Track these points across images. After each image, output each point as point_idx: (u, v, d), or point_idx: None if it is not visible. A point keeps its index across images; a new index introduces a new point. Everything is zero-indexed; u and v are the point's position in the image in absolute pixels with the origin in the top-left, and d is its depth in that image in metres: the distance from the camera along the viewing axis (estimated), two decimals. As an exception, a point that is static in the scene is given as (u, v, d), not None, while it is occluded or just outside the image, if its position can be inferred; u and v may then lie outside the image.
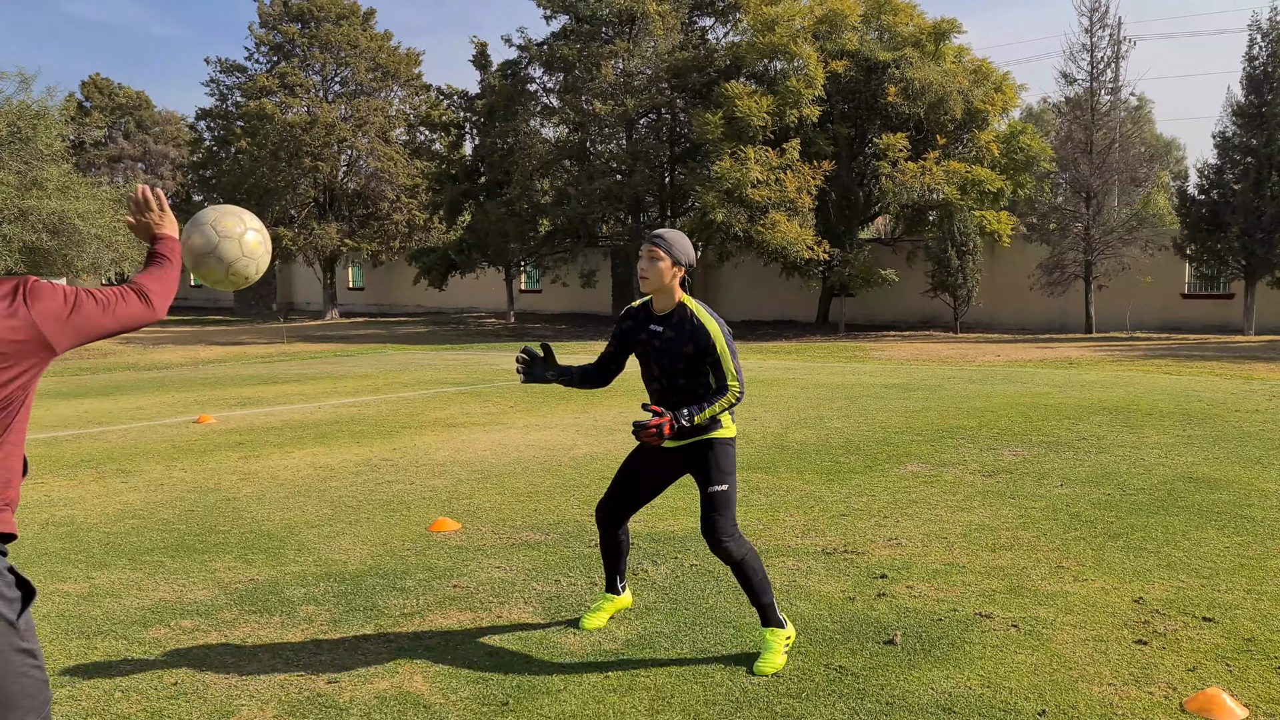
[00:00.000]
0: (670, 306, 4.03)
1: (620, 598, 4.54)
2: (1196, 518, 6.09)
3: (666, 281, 3.96)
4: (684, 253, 3.98)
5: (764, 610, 4.04)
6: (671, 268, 3.95)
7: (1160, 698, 3.63)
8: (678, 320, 3.99)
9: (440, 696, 3.75)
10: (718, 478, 3.98)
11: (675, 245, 3.96)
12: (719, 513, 3.96)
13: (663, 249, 3.94)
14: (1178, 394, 11.88)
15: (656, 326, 4.04)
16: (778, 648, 4.01)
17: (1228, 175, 23.09)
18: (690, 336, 3.95)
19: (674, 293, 4.01)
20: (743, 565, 3.98)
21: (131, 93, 42.55)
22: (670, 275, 3.96)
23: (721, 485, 3.97)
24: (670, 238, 3.98)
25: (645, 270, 3.96)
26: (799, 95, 24.06)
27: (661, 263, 3.94)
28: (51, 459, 8.74)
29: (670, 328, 4.00)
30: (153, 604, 4.83)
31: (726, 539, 3.94)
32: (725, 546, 3.94)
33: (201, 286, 47.92)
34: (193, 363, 19.66)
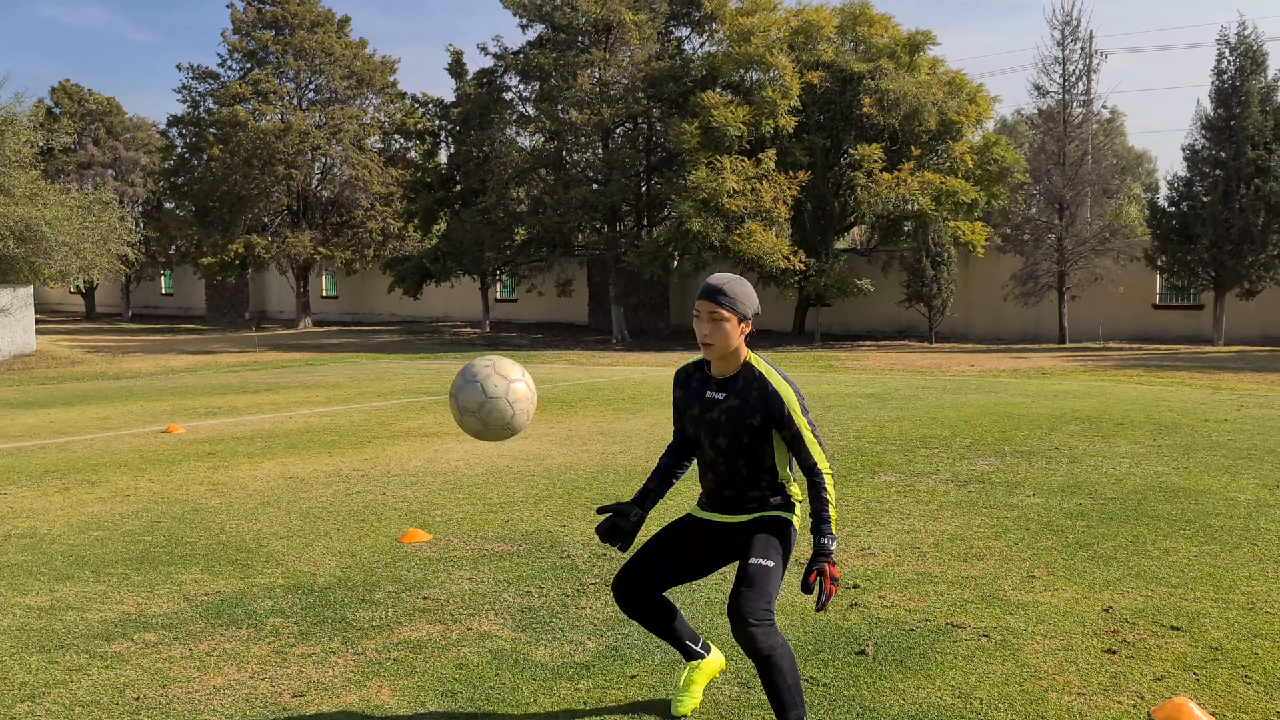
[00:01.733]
0: (733, 369, 3.33)
1: (708, 661, 3.74)
2: (1166, 527, 6.13)
3: (734, 344, 3.26)
4: (750, 304, 3.28)
5: (783, 707, 3.21)
6: (738, 325, 3.25)
7: (1129, 707, 3.64)
8: (743, 386, 3.31)
9: (408, 710, 3.70)
10: (766, 552, 3.27)
11: (740, 299, 3.25)
12: (755, 590, 3.16)
13: (727, 307, 3.22)
14: (1149, 404, 11.98)
15: (716, 393, 3.35)
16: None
17: (1197, 187, 23.37)
18: (761, 405, 3.26)
19: (740, 353, 3.32)
20: (769, 661, 3.16)
21: (102, 99, 42.13)
22: (738, 335, 3.26)
23: (768, 561, 3.24)
24: (733, 290, 3.24)
25: (709, 335, 3.24)
26: (775, 105, 24.16)
27: (727, 323, 3.23)
28: (15, 469, 8.61)
29: (734, 394, 3.31)
30: (116, 617, 4.76)
31: (756, 623, 3.11)
32: (751, 632, 3.11)
33: (173, 294, 47.50)
34: (162, 372, 19.46)
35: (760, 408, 3.26)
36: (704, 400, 3.38)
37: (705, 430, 3.37)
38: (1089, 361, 19.14)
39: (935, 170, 25.15)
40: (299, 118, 33.51)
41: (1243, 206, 22.20)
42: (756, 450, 3.32)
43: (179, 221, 35.90)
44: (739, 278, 3.32)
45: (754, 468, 3.35)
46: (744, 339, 3.29)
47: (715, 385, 3.36)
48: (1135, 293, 25.08)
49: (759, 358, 3.38)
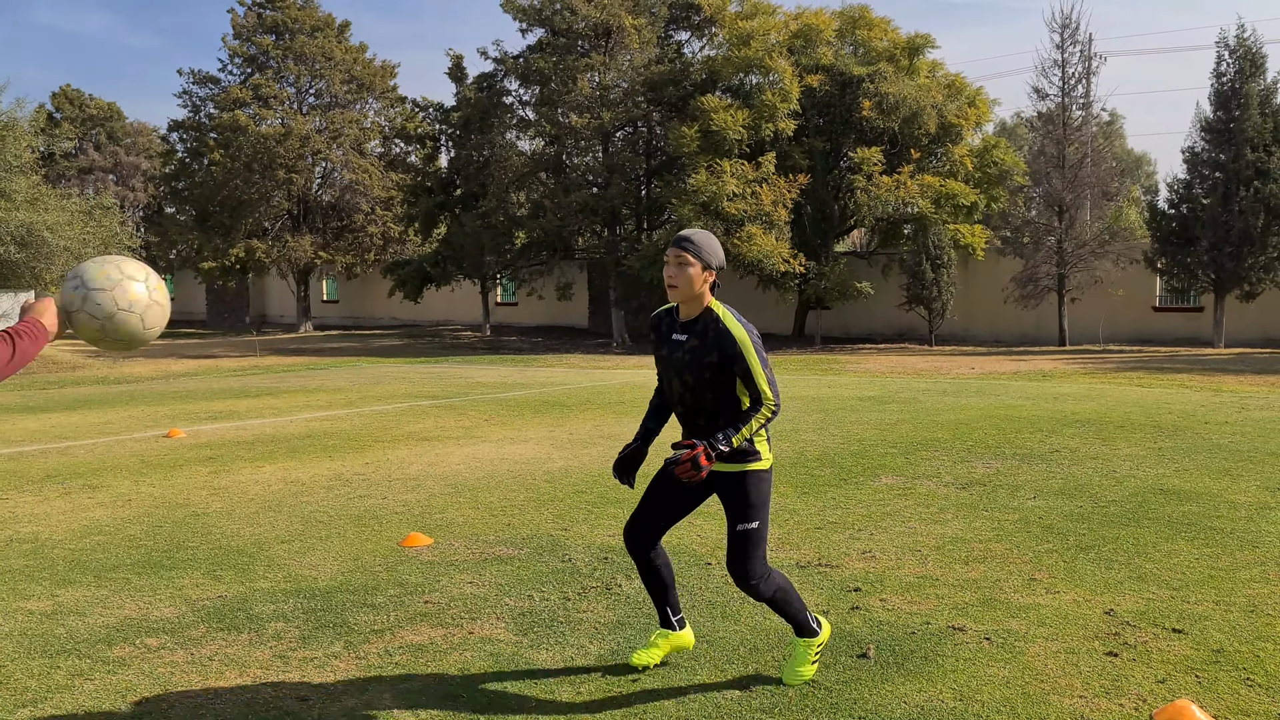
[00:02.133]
0: (696, 313, 3.72)
1: (677, 634, 4.10)
2: (1167, 529, 6.13)
3: (697, 289, 3.66)
4: (715, 255, 3.70)
5: (799, 626, 3.92)
6: (702, 273, 3.66)
7: (1130, 709, 3.64)
8: (702, 327, 3.68)
9: (410, 714, 3.71)
10: (748, 514, 3.71)
11: (705, 248, 3.67)
12: (748, 554, 3.72)
13: (692, 253, 3.65)
14: (1149, 406, 11.98)
15: (680, 335, 3.74)
16: (807, 655, 3.92)
17: (1197, 190, 23.39)
18: (716, 344, 3.63)
19: (704, 299, 3.70)
20: (774, 600, 3.81)
21: (102, 104, 42.20)
22: (701, 281, 3.66)
23: (752, 523, 3.71)
24: (700, 240, 3.68)
25: (674, 277, 3.66)
26: (774, 109, 24.19)
27: (692, 268, 3.64)
28: (16, 474, 8.61)
29: (694, 335, 3.69)
30: (118, 622, 4.76)
31: (756, 580, 3.73)
32: (754, 585, 3.75)
33: (174, 299, 47.52)
34: (163, 376, 19.47)
35: (716, 346, 3.63)
36: (671, 341, 3.78)
37: (673, 368, 3.76)
38: (1089, 364, 19.15)
39: (935, 173, 25.17)
40: (299, 122, 33.55)
41: (1242, 209, 22.22)
42: (719, 385, 3.68)
43: (179, 226, 35.93)
44: (708, 233, 3.73)
45: (719, 401, 3.71)
46: (708, 287, 3.69)
47: (680, 328, 3.75)
48: (1135, 295, 25.09)
49: (721, 304, 3.72)
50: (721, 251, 3.73)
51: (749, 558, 3.71)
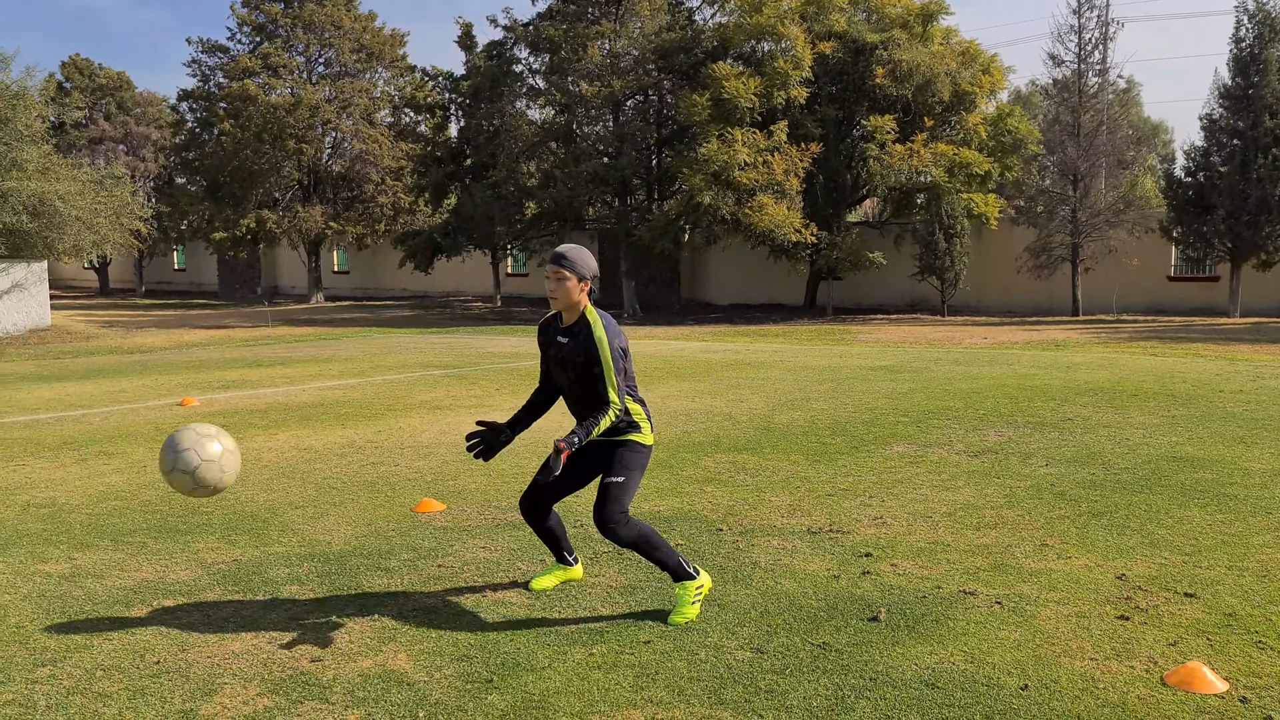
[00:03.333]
0: (574, 319, 4.24)
1: (570, 569, 4.73)
2: (1180, 496, 6.12)
3: (575, 298, 4.19)
4: (588, 267, 4.20)
5: (673, 572, 4.27)
6: (578, 284, 4.17)
7: (1141, 671, 3.65)
8: (577, 330, 4.21)
9: (424, 674, 3.74)
10: (618, 470, 4.22)
11: (578, 263, 4.17)
12: (610, 502, 4.17)
13: (567, 268, 4.15)
14: (1163, 375, 11.93)
15: (562, 338, 4.26)
16: (687, 598, 4.25)
17: (1214, 158, 23.14)
18: (584, 347, 4.15)
19: (579, 306, 4.22)
20: (636, 545, 4.21)
21: (112, 73, 42.05)
22: (578, 291, 4.18)
23: (619, 477, 4.21)
24: (572, 256, 4.17)
25: (554, 291, 4.18)
26: (786, 77, 23.98)
27: (568, 282, 4.15)
28: (33, 441, 8.68)
29: (572, 338, 4.22)
30: (135, 584, 4.81)
31: (613, 524, 4.16)
32: (613, 530, 4.16)
33: (185, 270, 47.61)
34: (177, 346, 19.55)
35: (585, 348, 4.15)
36: (556, 344, 4.29)
37: (558, 366, 4.30)
38: (1103, 334, 19.06)
39: (948, 142, 24.94)
40: (309, 91, 33.41)
41: (1260, 176, 21.99)
42: (592, 380, 4.16)
43: (190, 197, 35.91)
44: (581, 247, 4.22)
45: (595, 392, 4.16)
46: (585, 295, 4.20)
47: (562, 332, 4.27)
48: (1150, 265, 24.91)
49: (594, 311, 4.22)
50: (594, 263, 4.24)
51: (609, 505, 4.16)
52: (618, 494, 4.19)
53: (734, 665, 3.78)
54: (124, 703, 3.52)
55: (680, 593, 4.26)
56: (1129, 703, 3.41)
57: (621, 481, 4.21)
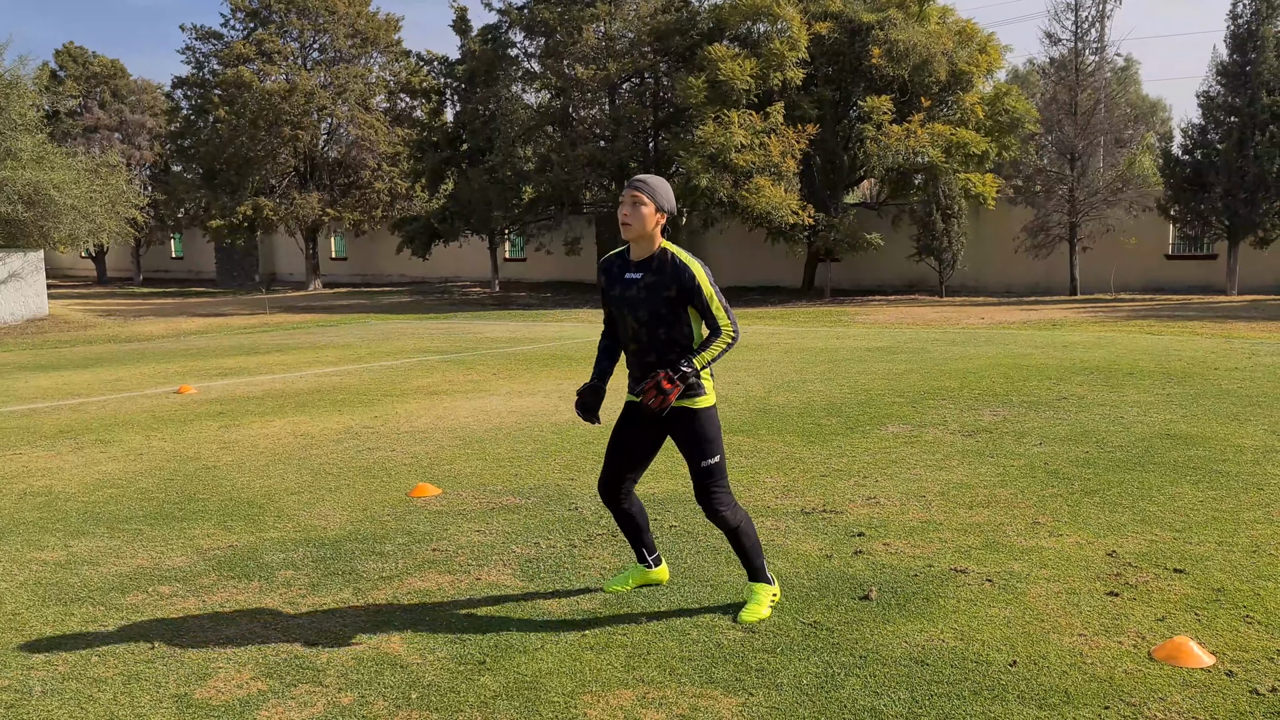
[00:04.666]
0: (649, 252, 3.90)
1: (651, 571, 4.39)
2: (1172, 473, 6.14)
3: (650, 228, 3.85)
4: (667, 199, 3.88)
5: (754, 571, 4.10)
6: (655, 214, 3.84)
7: (1129, 646, 3.67)
8: (658, 265, 3.87)
9: (417, 657, 3.76)
10: (707, 449, 3.92)
11: (659, 191, 3.86)
12: (714, 484, 3.94)
13: (646, 194, 3.82)
14: (1159, 353, 11.94)
15: (634, 274, 3.90)
16: (764, 600, 4.08)
17: (1212, 135, 23.08)
18: (674, 278, 3.82)
19: (655, 239, 3.90)
20: (738, 532, 4.01)
21: (106, 61, 41.85)
22: (654, 222, 3.85)
23: (713, 458, 3.93)
24: (653, 183, 3.87)
25: (628, 216, 3.83)
26: (782, 58, 23.88)
27: (645, 208, 3.82)
28: (29, 430, 8.70)
29: (650, 272, 3.87)
30: (130, 571, 4.83)
31: (723, 508, 3.95)
32: (722, 515, 3.96)
33: (183, 258, 47.54)
34: (174, 334, 19.55)
35: (674, 280, 3.82)
36: (624, 281, 3.93)
37: (627, 306, 3.91)
38: (1100, 313, 19.06)
39: (945, 121, 24.86)
40: (304, 78, 33.29)
41: (1257, 154, 21.93)
42: (672, 319, 3.86)
43: (186, 184, 35.83)
44: (661, 178, 3.92)
45: (671, 334, 3.88)
46: (659, 229, 3.88)
47: (634, 266, 3.92)
48: (1148, 243, 24.87)
49: (673, 245, 3.90)
50: (673, 197, 3.92)
51: (716, 488, 3.94)
52: (719, 473, 3.93)
53: (725, 644, 3.81)
54: (119, 688, 3.55)
55: (758, 591, 4.07)
56: (1116, 677, 3.43)
57: (717, 461, 3.93)
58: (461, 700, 3.41)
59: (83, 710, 3.39)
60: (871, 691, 3.39)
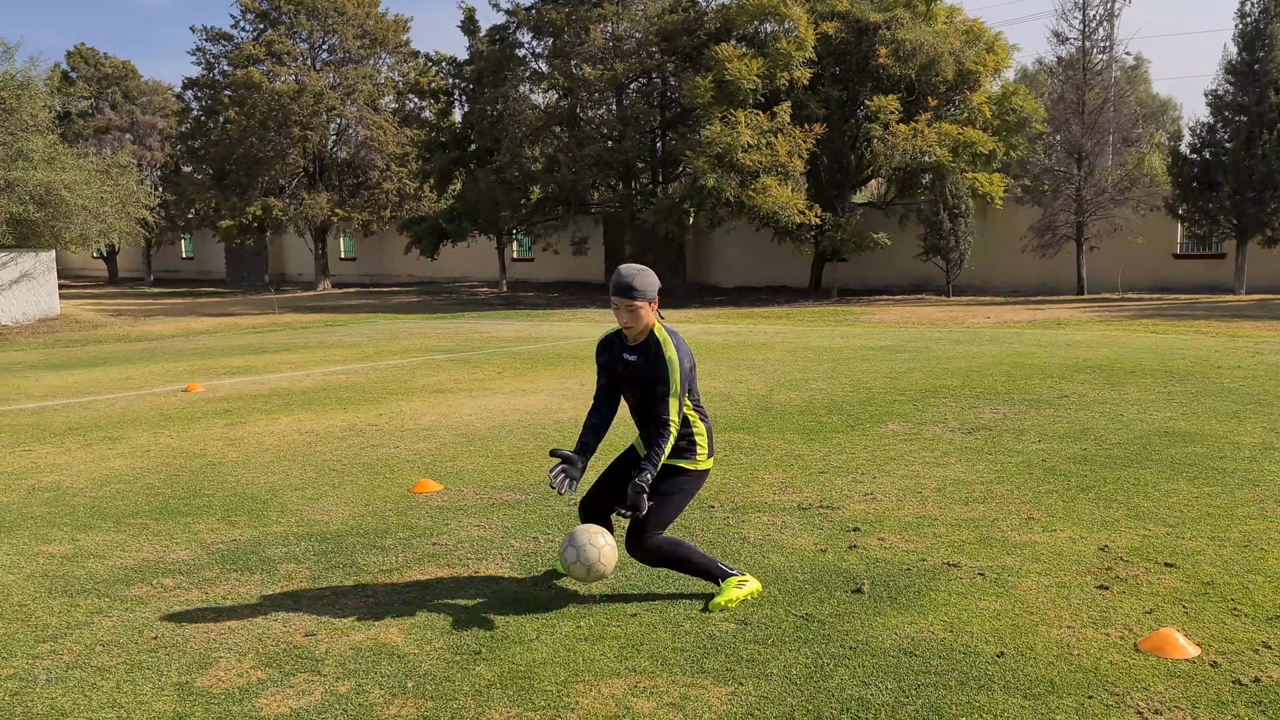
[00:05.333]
0: (643, 338, 4.21)
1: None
2: (1168, 470, 6.17)
3: (649, 322, 4.16)
4: (653, 288, 4.16)
5: (713, 577, 4.25)
6: (648, 307, 4.14)
7: (1116, 638, 3.72)
8: (644, 349, 4.19)
9: (414, 647, 3.83)
10: (666, 504, 4.20)
11: (648, 290, 4.12)
12: (647, 519, 4.14)
13: (639, 299, 4.10)
14: (1162, 352, 11.95)
15: (630, 356, 4.23)
16: (730, 585, 4.22)
17: (1220, 134, 23.03)
18: (653, 365, 4.15)
19: (649, 325, 4.20)
20: (673, 562, 4.21)
21: (117, 62, 42.09)
22: (650, 314, 4.15)
23: (667, 497, 4.20)
24: (639, 284, 4.11)
25: (629, 323, 4.14)
26: (789, 58, 23.92)
27: (641, 309, 4.11)
28: (39, 428, 8.80)
29: (642, 357, 4.19)
30: (136, 564, 4.91)
31: (645, 541, 4.16)
32: (645, 547, 4.17)
33: (193, 258, 47.78)
34: (183, 334, 19.68)
35: (653, 368, 4.13)
36: (623, 361, 4.26)
37: (626, 384, 4.27)
38: (1106, 312, 19.04)
39: (953, 121, 24.87)
40: (313, 78, 33.43)
41: (1265, 153, 21.87)
42: (661, 399, 4.12)
43: (196, 185, 36.03)
44: (643, 269, 4.16)
45: (660, 410, 4.12)
46: (654, 314, 4.16)
47: (630, 350, 4.24)
48: (1156, 242, 24.83)
49: (662, 328, 4.20)
50: (656, 280, 4.19)
51: (648, 523, 4.14)
52: (656, 512, 4.15)
53: (717, 636, 3.86)
54: (122, 676, 3.62)
55: (724, 584, 4.20)
56: (1101, 668, 3.48)
57: (663, 502, 4.17)
58: (456, 689, 3.47)
59: (86, 698, 3.46)
60: (859, 681, 3.44)
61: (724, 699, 3.35)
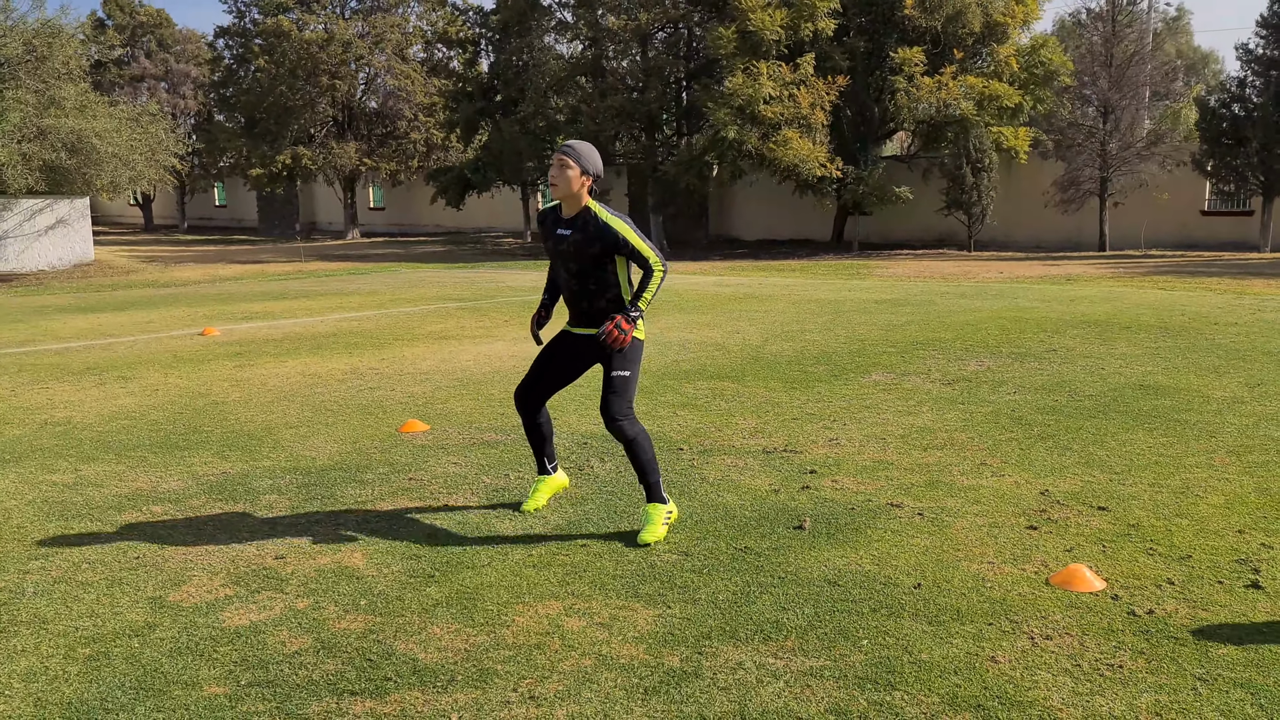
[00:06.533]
0: (576, 211, 4.35)
1: (553, 478, 4.87)
2: (1130, 421, 6.32)
3: (575, 189, 4.29)
4: (592, 163, 4.31)
5: (649, 488, 4.44)
6: (580, 176, 4.28)
7: (1031, 573, 3.92)
8: (582, 223, 4.32)
9: (374, 570, 4.11)
10: (621, 364, 4.35)
11: (583, 156, 4.30)
12: (617, 394, 4.33)
13: (571, 158, 4.27)
14: (1163, 308, 11.97)
15: (564, 230, 4.36)
16: (658, 520, 4.42)
17: (1250, 89, 22.63)
18: (597, 237, 4.28)
19: (581, 199, 4.34)
20: (633, 444, 4.36)
21: (152, 10, 42.38)
22: (579, 184, 4.29)
23: (624, 371, 4.34)
24: (579, 148, 4.31)
25: (555, 178, 4.28)
26: (814, 8, 23.69)
27: (570, 170, 4.26)
28: (60, 367, 9.18)
29: (577, 230, 4.32)
30: (129, 492, 5.23)
31: (620, 418, 4.32)
32: (619, 425, 4.32)
33: (226, 206, 48.34)
34: (210, 280, 20.11)
35: (598, 239, 4.27)
36: (556, 236, 4.40)
37: (560, 258, 4.41)
38: (1122, 269, 18.94)
39: (979, 74, 24.59)
40: (342, 27, 33.54)
41: (1296, 108, 21.49)
42: (599, 271, 4.34)
43: (228, 133, 36.40)
44: (589, 144, 4.39)
45: (599, 284, 4.37)
46: (586, 190, 4.31)
47: (564, 223, 4.37)
48: (1183, 199, 24.52)
49: (597, 204, 4.35)
50: (600, 162, 4.35)
51: (617, 398, 4.31)
52: (623, 386, 4.32)
53: (658, 565, 4.11)
54: (102, 590, 3.94)
55: (652, 512, 4.40)
56: (1009, 599, 3.69)
57: (628, 375, 4.33)
58: (405, 607, 3.75)
59: (68, 609, 3.78)
60: (779, 607, 3.68)
61: (650, 620, 3.60)
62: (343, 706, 3.05)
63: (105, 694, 3.14)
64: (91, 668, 3.31)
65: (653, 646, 3.39)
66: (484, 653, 3.38)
